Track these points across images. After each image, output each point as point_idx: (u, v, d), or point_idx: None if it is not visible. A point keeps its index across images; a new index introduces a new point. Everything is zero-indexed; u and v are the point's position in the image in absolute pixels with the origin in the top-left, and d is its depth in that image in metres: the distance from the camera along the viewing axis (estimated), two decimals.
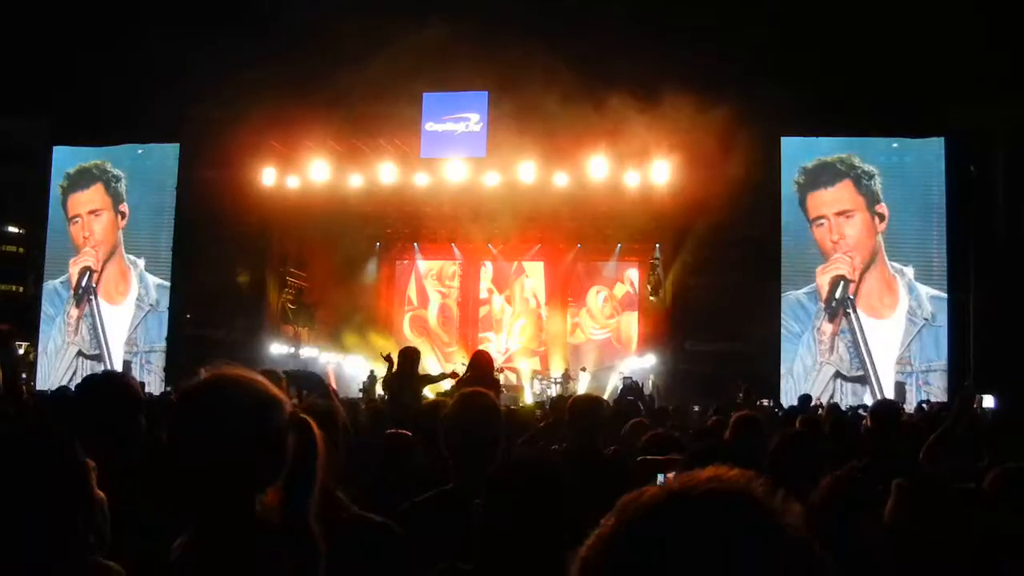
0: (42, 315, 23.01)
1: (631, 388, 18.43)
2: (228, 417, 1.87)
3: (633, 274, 26.25)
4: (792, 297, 19.56)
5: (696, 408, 16.22)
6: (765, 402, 15.83)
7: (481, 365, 8.13)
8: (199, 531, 1.89)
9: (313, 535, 1.90)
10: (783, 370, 19.33)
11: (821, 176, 19.60)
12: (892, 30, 17.59)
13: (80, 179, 22.93)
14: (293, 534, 1.87)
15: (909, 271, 19.17)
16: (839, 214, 19.46)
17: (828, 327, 19.29)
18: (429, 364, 24.76)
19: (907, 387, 18.62)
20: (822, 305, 19.36)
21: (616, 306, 26.47)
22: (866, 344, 19.08)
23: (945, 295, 18.99)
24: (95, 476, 2.15)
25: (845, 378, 19.19)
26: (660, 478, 2.97)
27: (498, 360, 22.05)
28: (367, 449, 4.69)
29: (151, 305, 22.10)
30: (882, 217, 19.31)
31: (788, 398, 17.45)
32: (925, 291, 19.10)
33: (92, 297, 22.55)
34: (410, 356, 8.16)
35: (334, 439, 2.47)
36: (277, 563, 1.83)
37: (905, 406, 15.58)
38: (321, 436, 1.96)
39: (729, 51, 17.42)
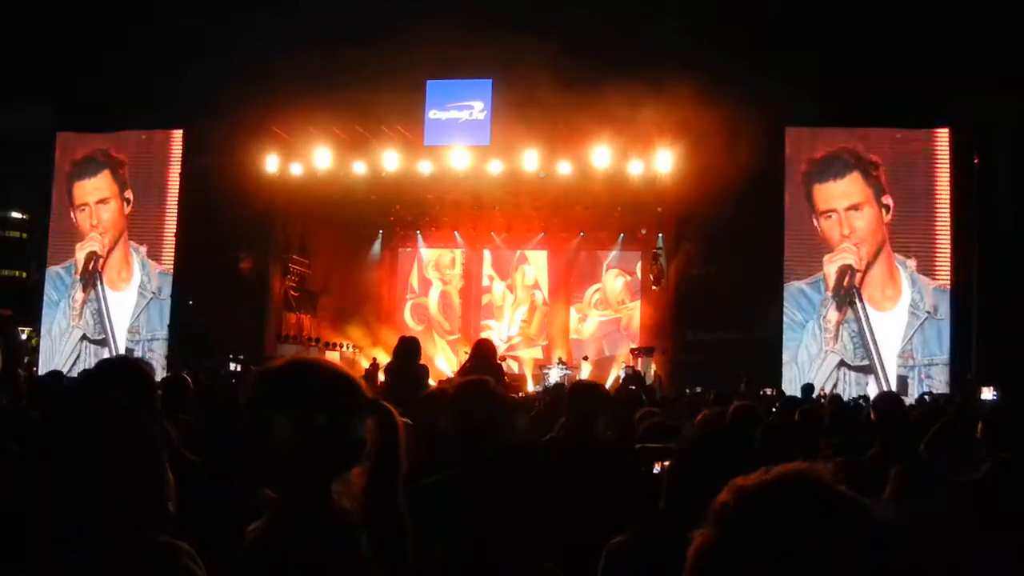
0: (44, 299, 22.95)
1: (632, 377, 18.47)
2: (305, 398, 1.87)
3: (636, 263, 26.24)
4: (796, 286, 19.52)
5: (688, 391, 16.25)
6: (768, 391, 15.84)
7: (483, 353, 8.08)
8: (273, 515, 1.88)
9: (401, 521, 1.91)
10: (786, 358, 19.30)
11: (829, 168, 19.47)
12: (896, 20, 17.52)
13: (87, 166, 22.81)
14: (377, 522, 1.86)
15: (912, 263, 19.11)
16: (849, 208, 19.36)
17: (834, 316, 19.25)
18: (438, 360, 24.93)
19: (910, 380, 18.58)
20: (828, 294, 19.30)
21: (628, 293, 26.45)
22: (871, 334, 19.05)
23: (948, 287, 18.95)
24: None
25: (849, 367, 19.17)
26: (656, 467, 3.00)
27: (500, 348, 22.07)
28: None
29: (153, 293, 22.07)
30: (888, 208, 19.25)
31: (792, 386, 17.45)
32: (928, 284, 19.05)
33: (98, 283, 22.53)
34: (408, 345, 8.09)
35: None
36: (351, 550, 1.82)
37: (907, 399, 15.57)
38: (403, 424, 1.95)
39: (733, 41, 17.38)
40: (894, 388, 18.16)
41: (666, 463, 2.64)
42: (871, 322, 19.11)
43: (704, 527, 1.16)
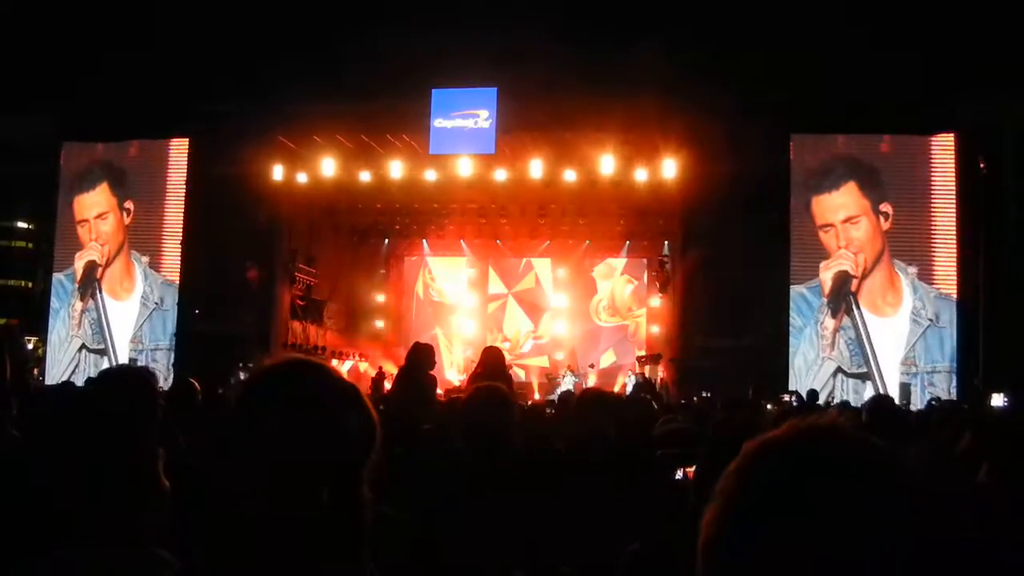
0: (49, 308, 22.92)
1: (643, 385, 18.44)
2: (305, 400, 1.77)
3: (642, 271, 26.24)
4: (796, 291, 19.44)
5: (696, 398, 16.21)
6: (786, 397, 15.80)
7: (492, 361, 8.07)
8: (259, 522, 1.74)
9: (363, 516, 1.81)
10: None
11: (826, 179, 19.33)
12: (900, 25, 17.51)
13: (86, 179, 22.67)
14: (345, 516, 1.79)
15: (913, 270, 19.02)
16: (845, 221, 19.25)
17: (831, 323, 19.15)
18: (449, 372, 24.93)
19: (912, 388, 18.45)
20: (825, 300, 19.24)
21: (636, 300, 26.41)
22: (869, 341, 18.94)
23: (953, 294, 18.87)
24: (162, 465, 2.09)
25: (847, 374, 19.08)
26: (678, 473, 3.00)
27: (507, 357, 22.01)
28: None
29: (156, 303, 21.99)
30: (887, 216, 19.14)
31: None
32: (930, 291, 18.97)
33: (97, 292, 22.47)
34: (421, 353, 8.06)
35: None
36: (347, 556, 1.78)
37: (911, 406, 15.49)
38: (379, 420, 1.87)
39: (738, 47, 17.40)
40: (896, 395, 18.10)
41: (688, 469, 2.64)
42: (869, 329, 19.02)
43: (724, 481, 1.13)
